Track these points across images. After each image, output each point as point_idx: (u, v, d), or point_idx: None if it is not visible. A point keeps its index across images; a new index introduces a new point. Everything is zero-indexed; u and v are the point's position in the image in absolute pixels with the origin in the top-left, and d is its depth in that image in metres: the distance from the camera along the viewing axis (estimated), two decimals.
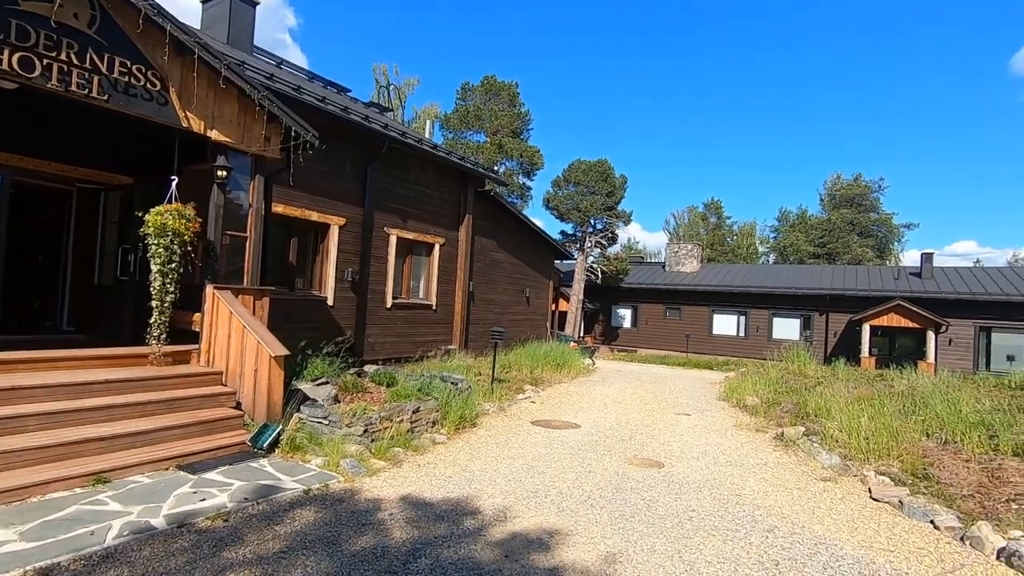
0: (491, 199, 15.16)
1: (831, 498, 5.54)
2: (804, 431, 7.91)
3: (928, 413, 7.77)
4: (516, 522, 4.42)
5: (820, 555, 4.16)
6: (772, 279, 27.66)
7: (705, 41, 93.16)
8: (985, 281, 23.69)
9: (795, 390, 11.07)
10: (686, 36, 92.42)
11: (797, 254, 46.11)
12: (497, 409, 8.91)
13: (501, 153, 27.78)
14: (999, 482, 5.60)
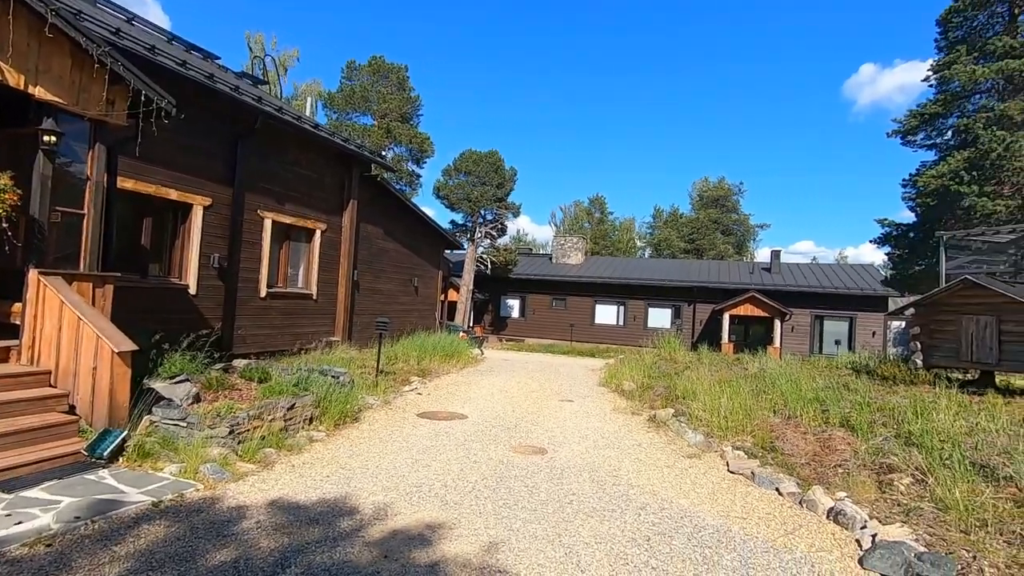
0: (378, 185, 14.59)
1: (695, 473, 6.02)
2: (674, 412, 8.54)
3: (775, 392, 8.74)
4: (397, 519, 4.27)
5: (685, 527, 4.48)
6: (648, 272, 29.67)
7: (596, 49, 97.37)
8: (820, 276, 27.28)
9: (666, 375, 11.94)
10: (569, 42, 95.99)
11: (670, 249, 49.89)
12: (382, 402, 8.61)
13: (389, 138, 26.91)
14: (829, 450, 6.42)
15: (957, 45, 19.27)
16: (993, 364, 9.46)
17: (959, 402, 7.70)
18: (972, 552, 3.99)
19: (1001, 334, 9.21)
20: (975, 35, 19.16)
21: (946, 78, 18.88)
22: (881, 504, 5.04)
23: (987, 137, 16.74)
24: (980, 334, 9.51)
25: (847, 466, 5.84)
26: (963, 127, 18.58)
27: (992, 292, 9.18)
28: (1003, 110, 16.94)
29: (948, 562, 3.79)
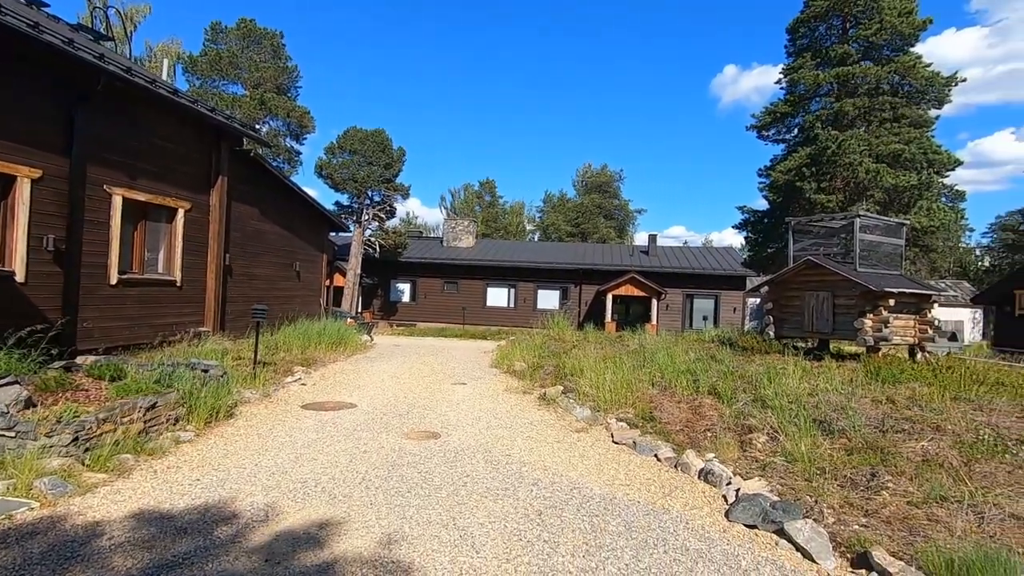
0: (252, 161, 13.42)
1: (583, 446, 6.31)
2: (563, 390, 8.88)
3: (653, 366, 9.39)
4: (281, 520, 4.00)
5: (575, 498, 4.67)
6: (537, 255, 30.45)
7: (491, 35, 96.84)
8: (690, 258, 29.74)
9: (555, 354, 12.37)
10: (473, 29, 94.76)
11: (558, 233, 51.61)
12: (261, 396, 8.01)
13: (263, 110, 24.85)
14: (700, 417, 7.04)
15: (803, 52, 21.81)
16: (829, 333, 10.93)
17: (803, 368, 8.81)
18: (814, 497, 4.58)
19: (835, 307, 10.65)
20: (817, 43, 21.77)
21: (794, 81, 21.31)
22: (743, 461, 5.62)
23: (824, 136, 19.20)
24: (819, 307, 10.93)
25: (715, 430, 6.43)
26: (807, 125, 21.12)
27: (828, 271, 10.57)
28: (838, 108, 19.51)
29: (796, 507, 4.31)
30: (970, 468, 5.00)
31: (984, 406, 6.94)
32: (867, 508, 4.36)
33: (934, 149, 19.08)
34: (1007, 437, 5.70)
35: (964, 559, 3.37)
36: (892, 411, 6.61)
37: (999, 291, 21.86)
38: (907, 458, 5.22)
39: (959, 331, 35.87)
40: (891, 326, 10.19)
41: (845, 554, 3.83)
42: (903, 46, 19.73)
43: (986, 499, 4.36)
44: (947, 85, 19.32)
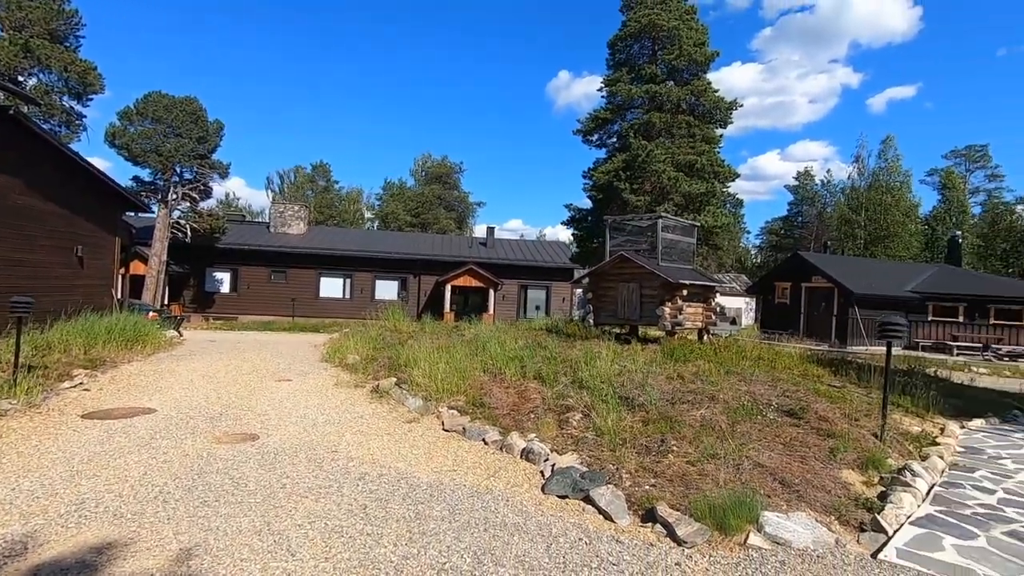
0: (11, 120, 10.96)
1: (414, 436, 6.34)
2: (396, 381, 8.80)
3: (486, 354, 9.75)
4: (46, 550, 3.39)
5: (401, 488, 4.69)
6: (376, 245, 29.59)
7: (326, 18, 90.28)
8: (525, 251, 31.32)
9: (391, 345, 12.18)
10: None
11: (397, 222, 50.64)
12: (25, 406, 6.66)
13: (29, 59, 20.39)
14: (525, 400, 7.49)
15: (621, 66, 24.23)
16: (637, 320, 12.37)
17: (615, 351, 9.84)
18: (616, 465, 5.19)
19: (642, 297, 12.08)
20: (632, 60, 24.33)
21: (613, 92, 23.58)
22: (560, 439, 6.13)
23: (636, 144, 21.63)
24: (630, 297, 12.30)
25: (538, 411, 6.91)
26: (623, 133, 23.54)
27: (637, 265, 11.95)
28: (648, 120, 22.11)
29: (600, 476, 4.84)
30: (734, 428, 6.07)
31: (747, 378, 8.44)
32: (656, 470, 5.05)
33: (719, 163, 22.62)
34: (761, 401, 7.02)
35: (722, 503, 4.09)
36: (681, 385, 7.72)
37: (764, 283, 26.66)
38: (689, 424, 6.15)
39: (738, 316, 42.99)
40: (685, 313, 11.88)
41: (637, 511, 4.40)
42: (698, 72, 23.03)
43: (743, 453, 5.33)
44: (729, 109, 23.05)
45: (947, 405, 9.21)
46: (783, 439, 5.86)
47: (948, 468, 5.92)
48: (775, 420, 6.45)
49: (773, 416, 6.55)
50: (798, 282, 23.78)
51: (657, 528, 4.12)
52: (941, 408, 8.94)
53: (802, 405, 6.88)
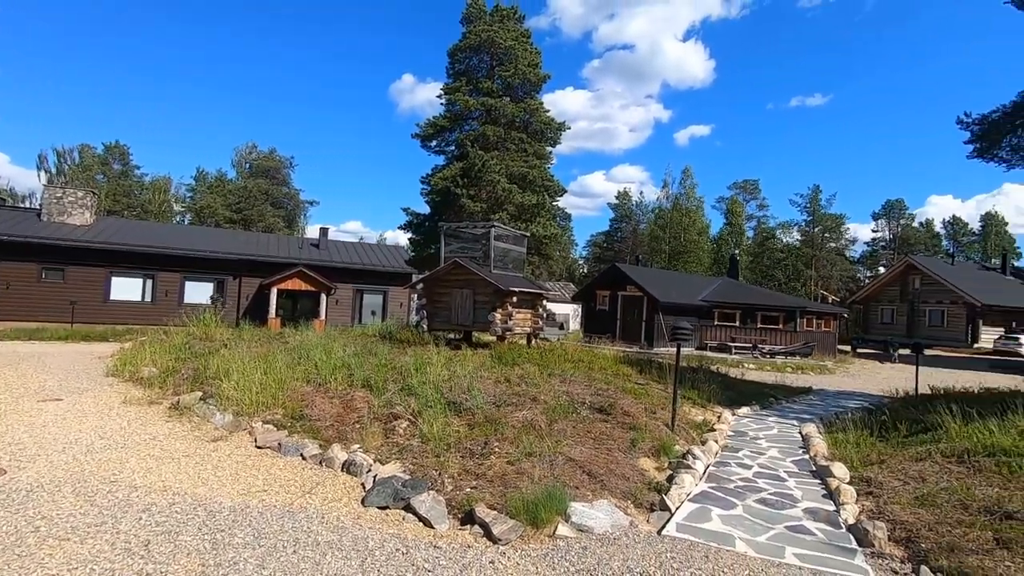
0: None
1: (219, 456, 5.69)
2: (202, 395, 7.84)
3: (310, 363, 9.16)
4: None
5: (197, 517, 4.17)
6: (186, 241, 26.14)
7: None
8: (361, 254, 30.19)
9: (199, 355, 10.83)
10: None
11: (214, 217, 45.42)
12: None
13: None
14: (351, 410, 7.19)
15: (459, 76, 24.72)
16: (471, 325, 12.64)
17: (447, 356, 9.93)
18: (439, 470, 5.22)
19: (475, 303, 12.38)
20: (471, 72, 24.98)
21: (452, 101, 23.95)
22: (385, 448, 5.98)
23: (473, 154, 22.23)
24: (463, 303, 12.53)
25: (363, 421, 6.67)
26: (461, 141, 24.02)
27: (470, 271, 12.23)
28: (484, 132, 22.86)
29: (422, 483, 4.83)
30: (552, 427, 6.49)
31: (567, 379, 9.11)
32: (478, 472, 5.19)
33: (549, 178, 24.26)
34: (577, 400, 7.62)
35: (535, 499, 4.34)
36: (507, 388, 8.06)
37: (587, 291, 29.13)
38: (512, 426, 6.43)
39: (566, 322, 46.31)
40: (515, 319, 12.45)
41: (457, 515, 4.47)
42: (531, 91, 24.48)
43: (558, 449, 5.72)
44: (559, 129, 24.90)
45: (724, 396, 10.93)
46: (594, 434, 6.43)
47: (721, 450, 7.01)
48: (588, 417, 7.04)
49: (586, 413, 7.15)
50: (615, 291, 26.39)
51: (475, 529, 4.22)
52: (720, 399, 10.57)
53: (611, 402, 7.61)
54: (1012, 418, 7.01)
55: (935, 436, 6.94)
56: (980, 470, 5.56)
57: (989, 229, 64.73)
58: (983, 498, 4.79)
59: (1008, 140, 11.64)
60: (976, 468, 5.63)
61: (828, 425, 8.55)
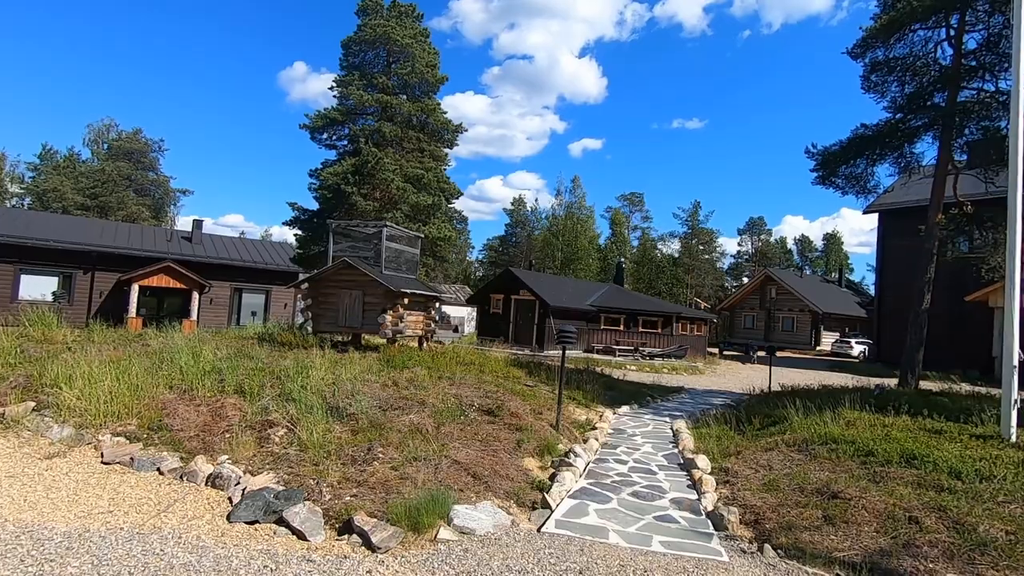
0: None
1: (54, 476, 4.98)
2: (35, 406, 6.81)
3: (174, 367, 8.31)
4: None
5: (21, 547, 3.61)
6: (23, 227, 22.64)
7: None
8: (241, 250, 28.00)
9: (35, 360, 9.40)
10: None
11: (62, 202, 39.82)
12: None
13: None
14: (220, 418, 6.62)
15: (354, 69, 23.83)
16: (359, 328, 12.19)
17: (333, 359, 9.49)
18: (317, 479, 4.96)
19: (365, 305, 11.97)
20: (366, 66, 24.17)
21: (345, 94, 23.00)
22: (258, 458, 5.58)
23: (367, 151, 21.51)
24: (352, 305, 12.06)
25: (234, 430, 6.17)
26: (354, 136, 23.15)
27: (360, 272, 11.81)
28: (379, 128, 22.22)
29: (298, 493, 4.56)
30: (439, 430, 6.44)
31: (457, 382, 9.09)
32: (360, 479, 5.01)
33: (445, 180, 24.14)
34: (465, 403, 7.63)
35: (417, 504, 4.27)
36: (395, 392, 7.87)
37: (482, 295, 29.36)
38: (398, 430, 6.29)
39: (461, 325, 46.32)
40: (406, 322, 12.20)
41: (334, 525, 4.27)
42: (429, 91, 24.22)
43: (444, 453, 5.69)
44: (456, 131, 24.87)
45: (607, 396, 11.53)
46: (481, 436, 6.46)
47: (601, 447, 7.37)
48: (476, 419, 7.08)
49: (474, 415, 7.18)
50: (509, 294, 26.86)
51: (353, 539, 4.07)
52: (602, 399, 11.14)
53: (499, 404, 7.71)
54: (841, 411, 8.11)
55: (782, 428, 7.82)
56: (815, 457, 6.34)
57: (830, 247, 74.52)
58: (816, 481, 5.47)
59: (844, 170, 13.49)
60: (812, 455, 6.41)
61: (696, 421, 9.32)
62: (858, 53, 13.05)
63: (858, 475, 5.61)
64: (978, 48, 12.50)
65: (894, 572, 3.86)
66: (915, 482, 5.34)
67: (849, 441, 6.55)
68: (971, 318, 20.79)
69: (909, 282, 14.02)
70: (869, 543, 4.24)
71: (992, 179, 12.61)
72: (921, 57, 12.97)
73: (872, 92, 13.45)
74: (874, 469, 5.74)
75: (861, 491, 5.10)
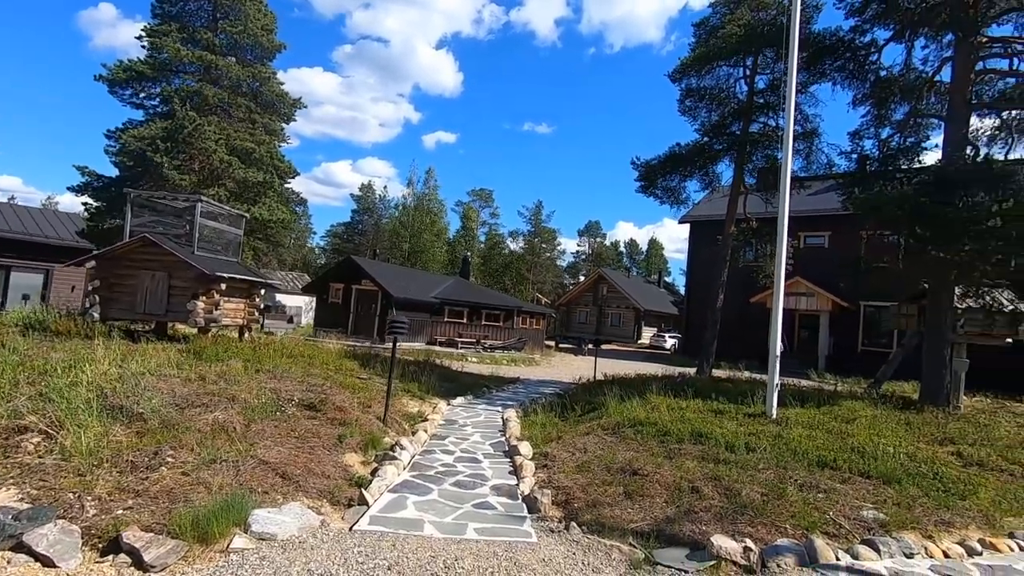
0: None
1: None
2: None
3: None
4: None
5: None
6: None
7: None
8: (12, 219, 22.89)
9: None
10: None
11: None
12: None
13: None
14: None
15: (171, 20, 20.76)
16: (163, 315, 10.64)
17: (123, 351, 8.12)
18: (80, 492, 4.15)
19: (171, 289, 10.47)
20: (187, 17, 21.21)
21: (158, 46, 19.92)
22: (1, 471, 4.52)
23: (182, 114, 18.91)
24: (155, 289, 10.47)
25: None
26: (168, 96, 20.20)
27: (166, 251, 10.28)
28: (200, 91, 19.67)
29: (48, 510, 3.76)
30: (249, 428, 5.82)
31: (279, 375, 8.36)
32: (139, 489, 4.30)
33: (279, 157, 22.22)
34: (284, 398, 7.02)
35: (207, 512, 3.78)
36: (200, 387, 6.96)
37: (321, 283, 27.65)
38: (198, 430, 5.55)
39: (298, 315, 43.23)
40: (223, 309, 10.93)
41: (98, 544, 3.60)
42: (263, 58, 22.04)
43: (251, 453, 5.14)
44: (294, 106, 23.00)
45: (443, 388, 11.51)
46: (298, 433, 5.99)
47: (430, 439, 7.30)
48: (295, 415, 6.54)
49: (293, 411, 6.64)
50: (350, 284, 25.64)
51: (120, 559, 3.46)
52: (439, 391, 11.09)
53: (323, 398, 7.23)
54: (649, 396, 9.03)
55: (599, 414, 8.47)
56: (624, 438, 6.96)
57: (652, 251, 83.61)
58: (622, 460, 5.98)
59: (661, 182, 15.15)
60: (622, 437, 7.02)
61: (525, 410, 9.71)
62: (676, 78, 14.69)
63: (657, 453, 6.26)
64: (766, 88, 14.82)
65: (676, 536, 4.33)
66: (700, 456, 6.10)
67: (652, 423, 7.30)
68: (754, 316, 24.69)
69: (710, 284, 16.19)
70: (659, 513, 4.72)
71: (770, 200, 15.07)
72: (725, 90, 15.01)
73: (686, 115, 15.26)
74: (670, 447, 6.46)
75: (657, 467, 5.68)
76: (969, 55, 10.66)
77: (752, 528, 4.45)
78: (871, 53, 12.02)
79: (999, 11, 10.65)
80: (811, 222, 24.59)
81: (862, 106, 12.48)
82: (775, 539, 4.28)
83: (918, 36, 11.50)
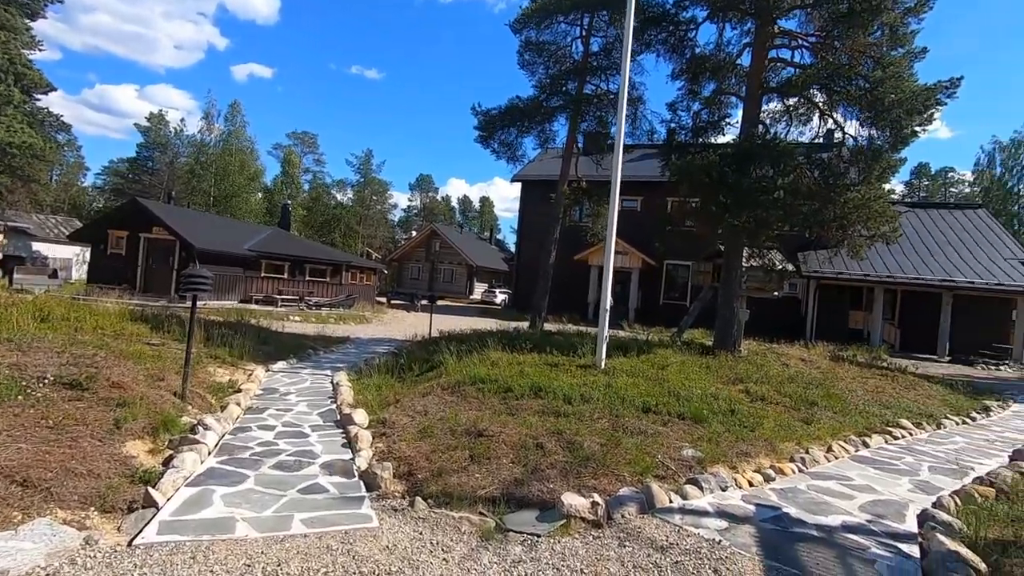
0: None
1: None
2: None
3: None
4: None
5: None
6: None
7: None
8: None
9: None
10: None
11: None
12: None
13: None
14: None
15: None
16: None
17: None
18: None
19: None
20: None
21: None
22: None
23: None
24: None
25: None
26: None
27: None
28: None
29: None
30: None
31: (26, 346, 6.45)
32: None
33: (25, 63, 17.20)
34: (33, 375, 5.37)
35: None
36: None
37: (97, 230, 22.74)
38: None
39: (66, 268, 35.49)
40: None
41: None
42: None
43: None
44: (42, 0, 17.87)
45: (261, 352, 10.15)
46: (52, 421, 4.59)
47: (244, 413, 6.25)
48: (48, 397, 5.03)
49: (46, 392, 5.10)
50: (137, 231, 21.48)
51: None
52: (255, 355, 9.74)
53: (94, 373, 5.71)
54: (487, 352, 8.92)
55: (438, 372, 8.12)
56: (466, 397, 6.70)
57: (484, 209, 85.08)
58: (466, 421, 5.71)
59: (499, 135, 14.96)
60: (463, 396, 6.76)
61: (358, 372, 8.97)
62: (518, 28, 14.38)
63: (500, 410, 6.11)
64: (599, 52, 15.28)
65: (525, 498, 4.17)
66: (541, 411, 6.10)
67: (493, 380, 7.15)
68: (578, 273, 26.41)
69: (540, 242, 16.67)
70: (507, 475, 4.53)
71: (599, 163, 15.84)
72: (562, 48, 15.14)
73: (525, 69, 15.11)
74: (512, 403, 6.36)
75: (502, 426, 5.51)
76: (765, 43, 12.03)
77: (596, 480, 4.49)
78: (690, 29, 12.95)
79: (788, 5, 12.12)
80: (627, 187, 26.72)
81: (680, 80, 13.50)
82: (617, 489, 4.36)
83: (728, 19, 12.64)
